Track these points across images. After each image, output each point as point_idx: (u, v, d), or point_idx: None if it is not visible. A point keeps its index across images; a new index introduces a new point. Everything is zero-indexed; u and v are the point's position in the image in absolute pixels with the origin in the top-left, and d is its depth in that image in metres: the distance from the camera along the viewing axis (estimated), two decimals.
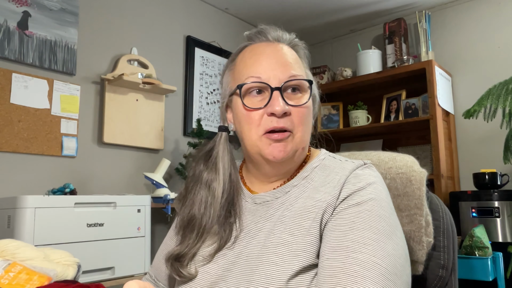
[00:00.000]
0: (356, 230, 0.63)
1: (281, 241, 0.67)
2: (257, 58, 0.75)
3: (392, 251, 0.62)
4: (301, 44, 0.82)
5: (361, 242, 0.61)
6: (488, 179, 2.38)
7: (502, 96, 2.01)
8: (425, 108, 2.65)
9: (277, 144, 0.72)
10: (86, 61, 2.18)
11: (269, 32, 0.78)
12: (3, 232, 1.50)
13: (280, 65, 0.73)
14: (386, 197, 0.69)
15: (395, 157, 0.84)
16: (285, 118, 0.72)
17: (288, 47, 0.78)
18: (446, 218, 0.82)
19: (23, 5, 1.95)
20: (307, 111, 0.75)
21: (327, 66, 3.23)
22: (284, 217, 0.70)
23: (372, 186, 0.69)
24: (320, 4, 2.94)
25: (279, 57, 0.74)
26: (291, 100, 0.73)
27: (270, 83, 0.72)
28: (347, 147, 3.23)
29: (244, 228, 0.74)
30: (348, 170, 0.72)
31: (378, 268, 0.59)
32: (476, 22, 2.83)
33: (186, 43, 2.73)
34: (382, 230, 0.63)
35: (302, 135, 0.74)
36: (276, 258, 0.65)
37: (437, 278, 0.79)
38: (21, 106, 1.91)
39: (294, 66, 0.75)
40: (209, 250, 0.74)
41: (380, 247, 0.61)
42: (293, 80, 0.73)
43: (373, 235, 0.62)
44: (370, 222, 0.64)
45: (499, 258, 1.96)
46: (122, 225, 1.74)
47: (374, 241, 0.62)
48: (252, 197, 0.78)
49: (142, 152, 2.40)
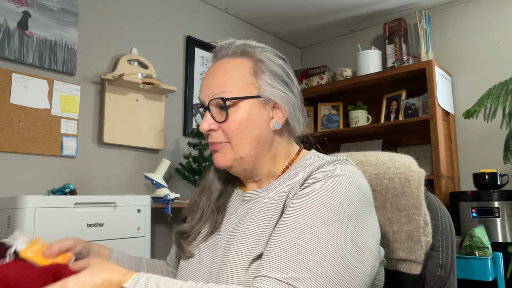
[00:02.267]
0: (292, 217, 0.67)
1: (248, 231, 0.74)
2: (204, 78, 0.84)
3: (328, 236, 0.62)
4: (258, 49, 0.81)
5: (291, 226, 0.65)
6: (488, 179, 2.38)
7: (502, 96, 2.01)
8: (425, 108, 2.65)
9: (215, 154, 0.82)
10: (86, 61, 2.18)
11: (217, 50, 0.84)
12: (3, 232, 1.50)
13: (209, 85, 0.80)
14: (347, 189, 0.69)
15: (394, 157, 0.84)
16: (215, 133, 0.80)
17: (232, 59, 0.81)
18: (445, 218, 0.83)
19: (23, 5, 1.95)
20: (235, 124, 0.78)
21: (327, 66, 3.23)
22: (255, 209, 0.77)
23: (334, 178, 0.70)
24: (320, 4, 2.94)
25: (212, 77, 0.81)
26: (220, 116, 0.79)
27: (205, 103, 0.81)
28: (347, 147, 3.23)
29: (230, 222, 0.82)
30: (317, 165, 0.75)
31: (298, 249, 0.61)
32: (476, 22, 2.83)
33: (186, 43, 2.73)
34: (319, 216, 0.65)
35: (237, 146, 0.79)
36: (241, 247, 0.72)
37: (436, 278, 0.79)
38: (21, 106, 1.91)
39: (221, 84, 0.79)
40: (205, 232, 0.84)
41: (310, 231, 0.63)
42: (212, 100, 0.79)
43: (306, 221, 0.65)
44: (309, 209, 0.66)
45: (499, 258, 1.96)
46: (122, 225, 1.74)
47: (304, 226, 0.64)
48: (242, 195, 0.86)
49: (142, 152, 2.40)
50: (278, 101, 0.79)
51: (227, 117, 0.78)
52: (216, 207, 0.85)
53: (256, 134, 0.79)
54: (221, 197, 0.87)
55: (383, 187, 0.82)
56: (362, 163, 0.87)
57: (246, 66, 0.79)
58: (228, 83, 0.79)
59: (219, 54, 0.83)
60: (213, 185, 0.89)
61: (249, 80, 0.79)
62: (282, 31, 3.37)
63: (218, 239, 0.80)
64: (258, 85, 0.79)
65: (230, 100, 0.77)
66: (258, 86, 0.79)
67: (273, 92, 0.79)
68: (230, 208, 0.85)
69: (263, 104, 0.79)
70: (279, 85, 0.80)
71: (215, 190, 0.88)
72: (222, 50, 0.83)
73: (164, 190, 2.18)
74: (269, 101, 0.79)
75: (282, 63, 0.82)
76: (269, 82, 0.79)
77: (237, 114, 0.78)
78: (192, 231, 0.86)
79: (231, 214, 0.84)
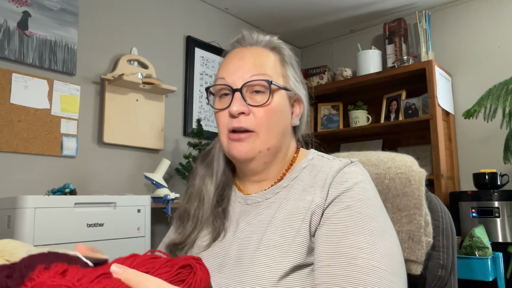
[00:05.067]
0: (351, 235, 0.64)
1: (273, 243, 0.69)
2: (227, 62, 0.78)
3: (388, 250, 0.64)
4: (284, 46, 0.82)
5: (357, 247, 0.63)
6: (488, 179, 2.38)
7: (502, 96, 2.01)
8: (425, 108, 2.65)
9: (236, 144, 0.75)
10: (86, 61, 2.18)
11: (246, 37, 0.81)
12: (3, 232, 1.50)
13: (245, 67, 0.75)
14: (374, 196, 0.71)
15: (394, 157, 0.84)
16: (245, 118, 0.74)
17: (264, 49, 0.79)
18: (446, 218, 0.83)
19: (23, 5, 1.95)
20: (271, 111, 0.75)
21: (327, 66, 3.23)
22: (276, 219, 0.72)
23: (359, 185, 0.70)
24: (320, 4, 2.94)
25: (247, 59, 0.76)
26: (253, 100, 0.74)
27: (234, 85, 0.75)
28: (347, 147, 3.23)
29: (237, 226, 0.77)
30: (335, 169, 0.72)
31: (378, 271, 0.61)
32: (476, 22, 2.83)
33: (186, 43, 2.73)
34: (374, 231, 0.65)
35: (266, 135, 0.75)
36: (267, 259, 0.67)
37: (437, 278, 0.79)
38: (21, 106, 1.91)
39: (261, 67, 0.76)
40: (205, 240, 0.78)
41: (376, 249, 0.63)
42: (252, 81, 0.74)
43: (367, 238, 0.64)
44: (362, 225, 0.65)
45: (499, 258, 1.96)
46: (122, 225, 1.74)
47: (369, 244, 0.63)
48: (244, 197, 0.81)
49: (142, 152, 2.40)
50: (302, 97, 0.80)
51: (268, 99, 0.74)
52: (217, 212, 0.80)
53: (284, 125, 0.77)
54: (222, 202, 0.82)
55: (383, 187, 0.82)
56: (363, 163, 0.87)
57: (277, 58, 0.79)
58: (267, 68, 0.76)
59: (249, 40, 0.80)
60: (203, 191, 0.82)
61: (280, 71, 0.78)
62: (282, 31, 3.37)
63: (224, 246, 0.75)
64: (288, 78, 0.79)
65: (274, 85, 0.75)
66: (287, 79, 0.79)
67: (298, 88, 0.80)
68: (232, 212, 0.80)
69: (288, 98, 0.79)
70: (301, 82, 0.81)
71: (209, 195, 0.82)
72: (250, 38, 0.80)
73: (164, 190, 2.18)
74: (293, 96, 0.79)
75: (298, 62, 0.84)
76: (295, 77, 0.80)
77: (273, 101, 0.75)
78: (187, 241, 0.80)
79: (234, 219, 0.79)
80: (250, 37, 0.81)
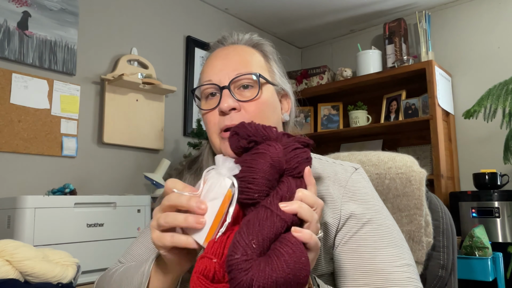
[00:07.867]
0: (380, 249, 0.65)
1: None
2: (211, 63, 0.78)
3: (408, 256, 0.67)
4: (265, 42, 0.82)
5: (388, 261, 0.65)
6: (488, 179, 2.38)
7: (502, 96, 2.01)
8: (425, 108, 2.65)
9: None
10: (86, 61, 2.18)
11: (226, 37, 0.81)
12: (3, 232, 1.50)
13: (230, 65, 0.75)
14: (378, 201, 0.72)
15: (395, 157, 0.84)
16: (236, 114, 0.72)
17: (246, 46, 0.79)
18: (446, 218, 0.83)
19: (23, 5, 1.95)
20: (262, 104, 0.74)
21: (327, 66, 3.23)
22: None
23: (368, 196, 0.71)
24: (320, 4, 2.94)
25: (231, 57, 0.76)
26: (242, 96, 0.73)
27: (221, 83, 0.74)
28: (347, 147, 3.23)
29: None
30: (342, 181, 0.72)
31: (411, 281, 0.64)
32: (476, 22, 2.83)
33: (186, 43, 2.73)
34: (397, 241, 0.67)
35: None
36: None
37: (437, 278, 0.79)
38: (21, 106, 1.91)
39: (246, 63, 0.75)
40: None
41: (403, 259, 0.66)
42: (240, 76, 0.73)
43: (396, 250, 0.66)
44: (390, 239, 0.67)
45: (499, 258, 1.96)
46: (122, 225, 1.74)
47: (399, 257, 0.65)
48: None
49: (142, 152, 2.40)
50: (289, 92, 0.80)
51: (258, 93, 0.73)
52: None
53: (276, 120, 0.76)
54: None
55: (384, 187, 0.82)
56: (363, 163, 0.87)
57: (260, 55, 0.79)
58: (253, 64, 0.75)
59: (230, 40, 0.80)
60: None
61: (266, 67, 0.78)
62: (282, 31, 3.37)
63: None
64: (274, 73, 0.79)
65: (262, 78, 0.74)
66: (273, 74, 0.78)
67: (284, 83, 0.80)
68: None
69: (276, 92, 0.79)
70: (286, 77, 0.81)
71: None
72: (231, 38, 0.80)
73: None
74: (281, 91, 0.79)
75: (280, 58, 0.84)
76: (280, 72, 0.80)
77: (262, 94, 0.74)
78: None
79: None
80: (231, 37, 0.81)
